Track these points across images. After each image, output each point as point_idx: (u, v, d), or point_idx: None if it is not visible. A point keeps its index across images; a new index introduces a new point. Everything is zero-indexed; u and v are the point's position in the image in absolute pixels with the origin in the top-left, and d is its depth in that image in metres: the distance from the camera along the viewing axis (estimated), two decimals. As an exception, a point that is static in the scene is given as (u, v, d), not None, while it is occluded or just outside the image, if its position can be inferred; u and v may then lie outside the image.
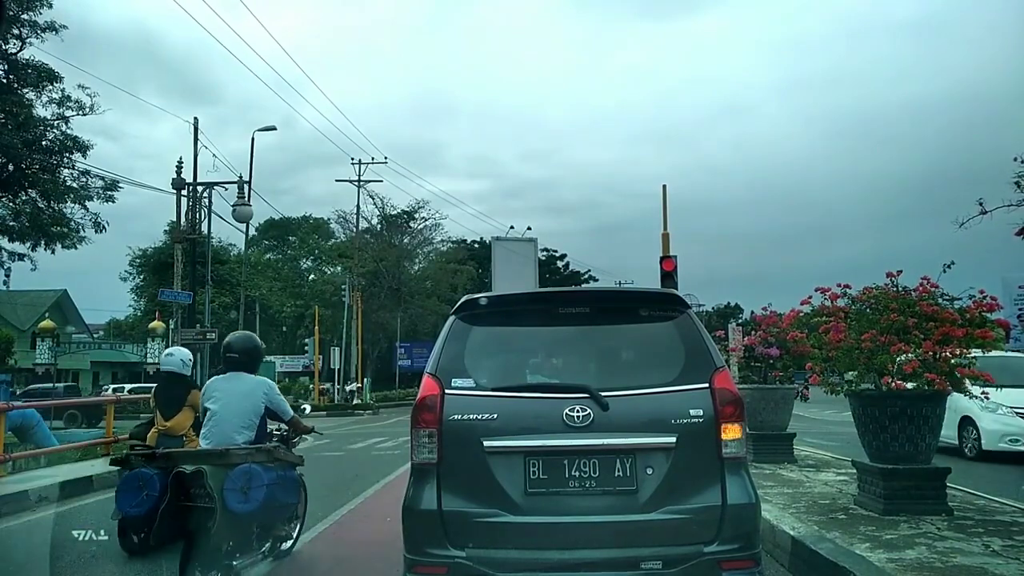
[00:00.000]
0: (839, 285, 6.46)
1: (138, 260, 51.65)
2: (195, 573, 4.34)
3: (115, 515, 4.70)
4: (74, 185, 21.80)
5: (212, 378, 5.48)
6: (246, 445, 4.83)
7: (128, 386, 35.77)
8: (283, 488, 4.74)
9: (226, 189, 22.94)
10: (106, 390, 34.15)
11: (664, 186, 15.76)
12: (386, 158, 38.91)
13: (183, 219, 19.94)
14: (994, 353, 7.76)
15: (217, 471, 4.35)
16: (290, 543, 5.71)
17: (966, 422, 11.17)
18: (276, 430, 5.58)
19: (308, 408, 6.63)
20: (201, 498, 4.27)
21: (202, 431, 5.16)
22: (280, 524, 5.25)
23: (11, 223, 21.69)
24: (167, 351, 7.21)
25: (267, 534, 5.08)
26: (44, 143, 21.06)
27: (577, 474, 3.28)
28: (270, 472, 4.53)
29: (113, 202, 22.58)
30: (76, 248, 22.52)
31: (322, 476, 9.00)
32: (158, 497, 4.28)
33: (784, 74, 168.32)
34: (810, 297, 6.91)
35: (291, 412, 5.47)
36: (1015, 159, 7.76)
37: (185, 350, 7.20)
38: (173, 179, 19.70)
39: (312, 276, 55.50)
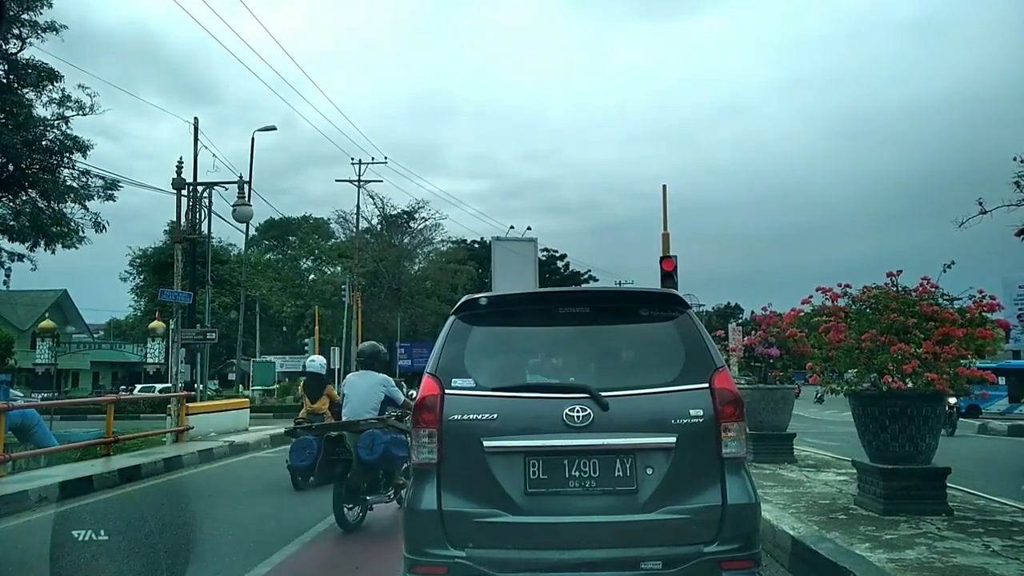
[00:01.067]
0: (839, 285, 6.46)
1: (138, 260, 51.73)
2: (343, 505, 6.52)
3: (289, 465, 7.37)
4: (74, 185, 21.73)
5: (350, 374, 7.85)
6: (370, 418, 6.87)
7: (159, 386, 34.42)
8: (396, 446, 6.63)
9: (226, 189, 22.90)
10: (127, 390, 33.52)
11: (664, 186, 15.81)
12: (386, 158, 38.73)
13: (183, 219, 19.83)
14: None
15: (352, 435, 6.65)
16: None
17: None
18: (394, 411, 7.32)
19: (415, 394, 7.69)
20: (343, 453, 6.59)
21: (343, 410, 7.20)
22: (398, 474, 7.03)
23: (11, 223, 21.66)
24: (311, 358, 10.74)
25: (390, 481, 7.06)
26: (44, 143, 20.98)
27: (577, 474, 3.28)
28: (386, 435, 6.59)
29: (113, 201, 22.55)
30: (76, 248, 22.47)
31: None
32: (316, 454, 6.54)
33: (784, 74, 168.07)
34: (810, 297, 6.91)
35: (403, 398, 7.39)
36: (1015, 159, 7.75)
37: (322, 358, 10.98)
38: (173, 179, 19.61)
39: (312, 276, 55.36)
